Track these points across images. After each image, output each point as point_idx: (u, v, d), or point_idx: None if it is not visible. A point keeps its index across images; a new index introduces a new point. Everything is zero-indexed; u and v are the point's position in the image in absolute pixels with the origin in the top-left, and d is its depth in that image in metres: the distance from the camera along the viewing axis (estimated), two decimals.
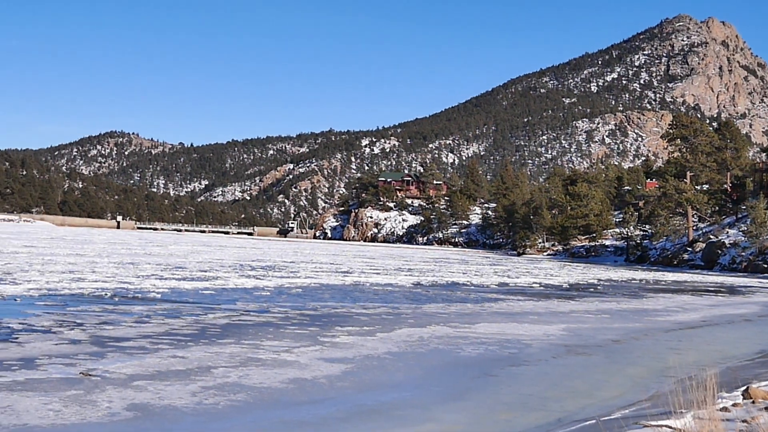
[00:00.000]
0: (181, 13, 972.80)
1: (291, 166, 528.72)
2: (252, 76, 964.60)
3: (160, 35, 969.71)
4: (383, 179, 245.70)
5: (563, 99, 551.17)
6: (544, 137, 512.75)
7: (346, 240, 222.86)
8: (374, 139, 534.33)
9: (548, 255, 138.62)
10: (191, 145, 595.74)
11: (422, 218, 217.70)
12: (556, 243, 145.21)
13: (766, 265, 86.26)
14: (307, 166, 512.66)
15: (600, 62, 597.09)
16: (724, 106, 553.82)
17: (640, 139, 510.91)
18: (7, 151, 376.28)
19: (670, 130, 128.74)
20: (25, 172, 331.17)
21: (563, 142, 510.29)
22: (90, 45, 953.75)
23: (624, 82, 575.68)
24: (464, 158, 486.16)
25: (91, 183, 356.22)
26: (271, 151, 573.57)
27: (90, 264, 43.55)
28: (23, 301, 23.56)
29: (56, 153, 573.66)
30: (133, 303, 24.80)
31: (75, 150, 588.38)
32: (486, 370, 16.04)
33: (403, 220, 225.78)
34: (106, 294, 27.00)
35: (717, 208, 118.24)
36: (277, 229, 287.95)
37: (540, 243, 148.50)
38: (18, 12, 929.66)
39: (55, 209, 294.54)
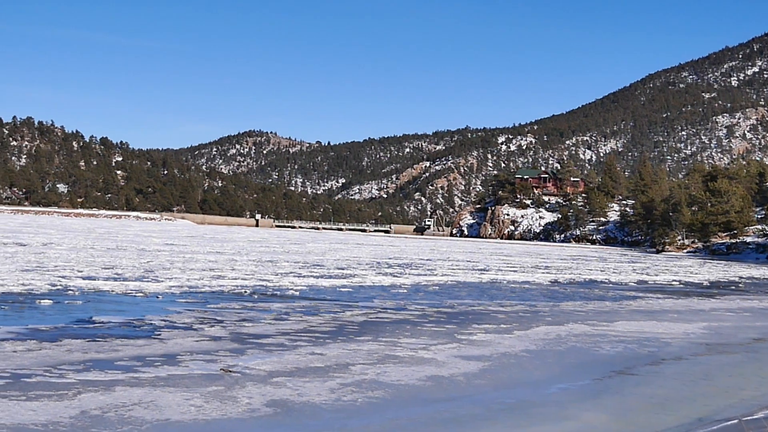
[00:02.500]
0: (315, 12, 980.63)
1: (427, 163, 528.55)
2: (388, 75, 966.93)
3: (295, 35, 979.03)
4: (520, 176, 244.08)
5: (703, 94, 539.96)
6: (683, 133, 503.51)
7: (482, 237, 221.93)
8: (510, 136, 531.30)
9: (688, 252, 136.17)
10: (328, 143, 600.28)
11: (559, 215, 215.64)
12: (696, 240, 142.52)
13: None
14: (444, 164, 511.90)
15: (741, 56, 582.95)
16: None
17: None
18: (149, 151, 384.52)
19: None
20: (166, 172, 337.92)
21: (703, 137, 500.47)
22: (228, 46, 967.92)
23: (766, 75, 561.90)
24: (602, 155, 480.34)
25: (230, 182, 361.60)
26: (408, 149, 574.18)
27: (230, 262, 44.18)
28: (165, 299, 24.01)
29: (196, 152, 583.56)
30: (272, 300, 25.08)
31: (214, 149, 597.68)
32: (625, 369, 15.84)
33: (540, 217, 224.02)
34: (245, 291, 27.36)
35: None
36: (414, 226, 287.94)
37: (679, 240, 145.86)
38: (159, 14, 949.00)
39: (196, 208, 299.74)
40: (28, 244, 52.00)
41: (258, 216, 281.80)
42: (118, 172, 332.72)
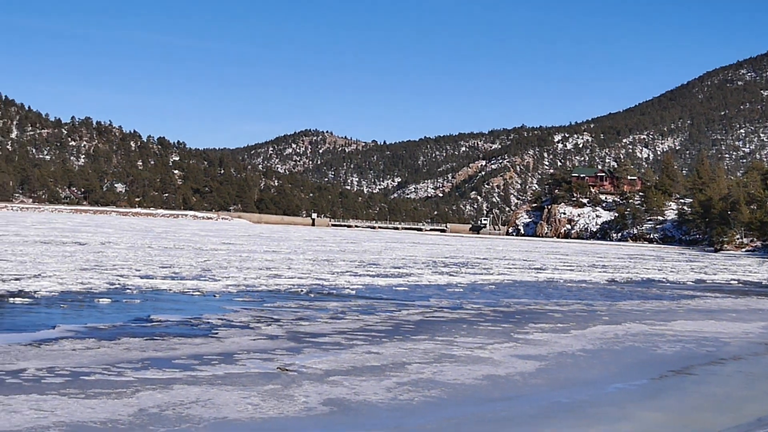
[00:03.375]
0: (371, 12, 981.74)
1: (483, 162, 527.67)
2: (444, 73, 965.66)
3: (350, 35, 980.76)
4: (576, 175, 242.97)
5: (761, 91, 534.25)
6: (742, 131, 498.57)
7: (539, 236, 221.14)
8: (567, 135, 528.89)
9: (747, 251, 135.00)
10: (384, 142, 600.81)
11: (616, 214, 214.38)
12: (755, 239, 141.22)
13: None
14: (500, 163, 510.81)
15: None
16: None
17: None
18: (205, 150, 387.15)
19: None
20: (223, 171, 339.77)
21: (761, 135, 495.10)
22: (284, 46, 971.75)
23: None
24: (659, 153, 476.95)
25: (286, 181, 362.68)
26: (464, 148, 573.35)
27: (286, 261, 44.34)
28: (222, 298, 24.14)
29: (253, 152, 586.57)
30: (328, 299, 25.14)
31: (271, 149, 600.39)
32: (683, 368, 15.72)
33: (597, 216, 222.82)
34: (301, 290, 27.45)
35: None
36: (470, 225, 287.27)
37: (738, 239, 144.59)
38: (216, 15, 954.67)
39: (252, 207, 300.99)
40: (86, 243, 52.50)
41: (314, 215, 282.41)
42: (176, 171, 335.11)
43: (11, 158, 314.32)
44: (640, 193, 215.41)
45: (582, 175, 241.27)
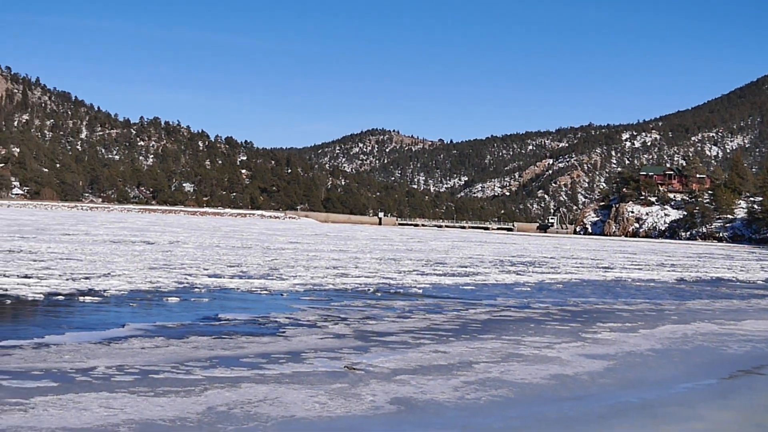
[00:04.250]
0: (436, 12, 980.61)
1: (550, 161, 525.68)
2: (511, 72, 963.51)
3: (416, 34, 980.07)
4: (644, 173, 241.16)
5: None
6: None
7: (606, 235, 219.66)
8: (634, 133, 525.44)
9: None
10: (450, 141, 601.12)
11: (685, 213, 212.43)
12: None
13: None
14: (567, 161, 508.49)
15: None
16: None
17: None
18: (273, 150, 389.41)
19: None
20: (290, 171, 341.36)
21: None
22: (351, 46, 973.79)
23: None
24: (728, 151, 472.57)
25: (353, 180, 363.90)
26: (531, 147, 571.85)
27: (353, 260, 44.41)
28: (289, 296, 24.24)
29: (319, 151, 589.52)
30: (395, 298, 25.15)
31: (338, 148, 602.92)
32: (753, 368, 15.53)
33: (665, 214, 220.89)
34: (368, 289, 27.47)
35: None
36: (537, 224, 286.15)
37: None
38: (283, 15, 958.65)
39: (319, 206, 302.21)
40: (155, 243, 52.96)
41: (381, 214, 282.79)
42: (243, 171, 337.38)
43: (81, 158, 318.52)
44: (709, 192, 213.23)
45: (650, 174, 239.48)
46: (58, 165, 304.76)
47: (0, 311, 18.92)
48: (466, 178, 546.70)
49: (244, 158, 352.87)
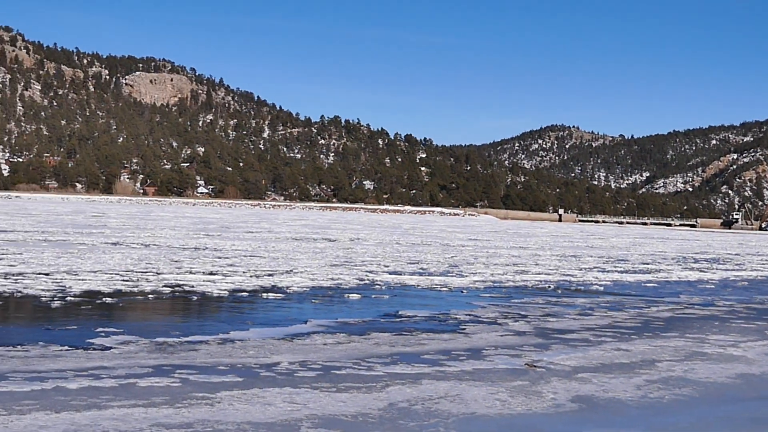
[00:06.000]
0: (612, 3, 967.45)
1: (735, 155, 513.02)
2: (693, 65, 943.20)
3: (594, 28, 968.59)
4: None
5: None
6: None
7: None
8: None
9: None
10: (631, 136, 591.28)
11: None
12: None
13: None
14: (752, 156, 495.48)
15: None
16: None
17: None
18: (452, 147, 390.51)
19: None
20: (469, 168, 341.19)
21: None
22: (529, 41, 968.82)
23: None
24: None
25: (532, 177, 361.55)
26: (714, 141, 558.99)
27: (533, 257, 44.22)
28: (469, 293, 24.28)
29: (498, 148, 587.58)
30: (575, 295, 24.96)
31: (517, 144, 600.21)
32: None
33: None
34: (549, 286, 27.33)
35: None
36: (721, 220, 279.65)
37: None
38: (459, 12, 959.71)
39: (498, 203, 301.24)
40: (336, 240, 53.68)
41: (561, 211, 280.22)
42: (422, 168, 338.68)
43: (264, 157, 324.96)
44: None
45: None
46: (241, 164, 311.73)
47: (186, 307, 19.46)
48: (648, 174, 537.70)
49: (424, 155, 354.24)
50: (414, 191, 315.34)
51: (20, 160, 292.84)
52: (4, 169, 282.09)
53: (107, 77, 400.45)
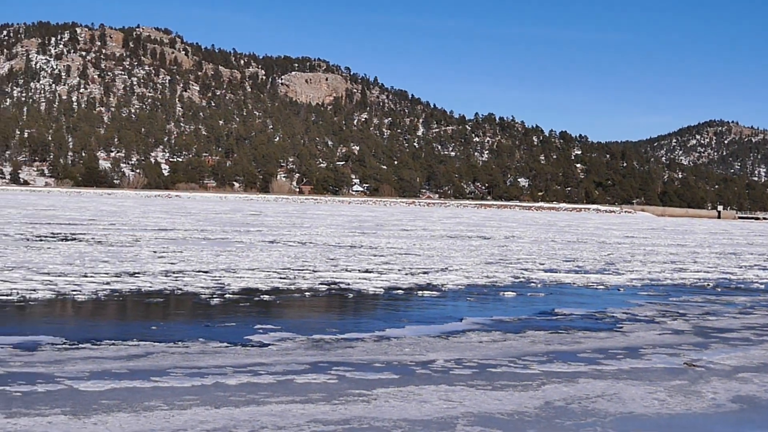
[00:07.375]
0: None
1: None
2: None
3: (752, 19, 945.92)
4: None
5: None
6: None
7: None
8: None
9: None
10: None
11: None
12: None
13: None
14: None
15: None
16: None
17: None
18: (607, 143, 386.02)
19: None
20: (625, 164, 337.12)
21: None
22: (686, 35, 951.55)
23: None
24: None
25: (690, 173, 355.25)
26: None
27: (691, 254, 43.49)
28: (626, 291, 24.03)
29: (655, 144, 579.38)
30: (735, 293, 24.49)
31: (674, 140, 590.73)
32: None
33: None
34: (708, 284, 26.87)
35: None
36: None
37: None
38: (614, 7, 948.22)
39: (655, 200, 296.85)
40: (491, 237, 53.62)
41: (720, 207, 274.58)
42: (578, 165, 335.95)
43: (418, 155, 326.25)
44: None
45: None
46: (395, 162, 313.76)
47: (343, 305, 19.69)
48: None
49: (579, 152, 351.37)
50: (569, 188, 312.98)
51: (180, 160, 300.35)
52: (164, 168, 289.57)
53: (263, 77, 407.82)
